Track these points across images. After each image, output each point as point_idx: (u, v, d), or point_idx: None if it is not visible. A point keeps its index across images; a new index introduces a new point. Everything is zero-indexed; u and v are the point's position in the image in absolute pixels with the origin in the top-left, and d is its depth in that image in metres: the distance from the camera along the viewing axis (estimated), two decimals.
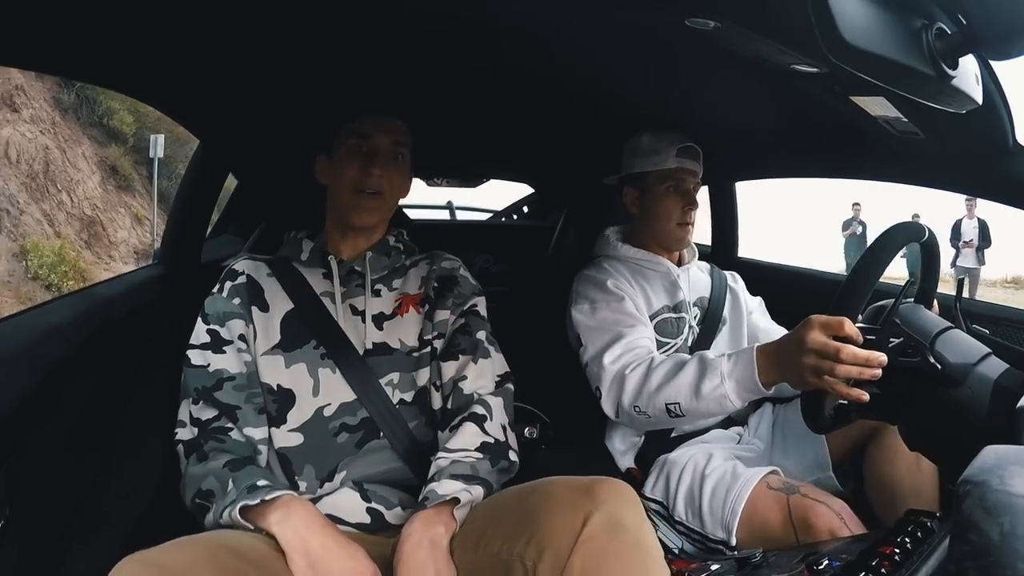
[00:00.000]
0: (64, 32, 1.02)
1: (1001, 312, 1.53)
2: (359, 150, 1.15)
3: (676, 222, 1.51)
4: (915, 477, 1.25)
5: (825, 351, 1.00)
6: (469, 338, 1.17)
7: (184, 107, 1.45)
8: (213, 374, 1.08)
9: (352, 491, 1.06)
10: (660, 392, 1.23)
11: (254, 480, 0.95)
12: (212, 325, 1.12)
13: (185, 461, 1.04)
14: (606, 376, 1.32)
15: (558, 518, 0.80)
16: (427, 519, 0.92)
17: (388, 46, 1.16)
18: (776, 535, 1.17)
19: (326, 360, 1.11)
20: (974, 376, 0.96)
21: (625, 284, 1.47)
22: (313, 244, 1.21)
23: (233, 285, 1.15)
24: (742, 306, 1.62)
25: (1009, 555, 0.56)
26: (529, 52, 1.17)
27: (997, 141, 1.13)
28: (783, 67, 0.86)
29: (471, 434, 1.05)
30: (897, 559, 0.81)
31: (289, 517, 0.90)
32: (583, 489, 0.82)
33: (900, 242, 1.06)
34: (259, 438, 1.07)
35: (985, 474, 0.61)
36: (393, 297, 1.19)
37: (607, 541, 0.78)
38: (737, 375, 1.16)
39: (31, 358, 1.07)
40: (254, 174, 1.85)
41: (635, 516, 0.81)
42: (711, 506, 1.26)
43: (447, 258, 1.27)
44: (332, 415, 1.10)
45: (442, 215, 3.49)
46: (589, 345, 1.39)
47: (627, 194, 1.57)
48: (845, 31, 0.67)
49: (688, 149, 1.51)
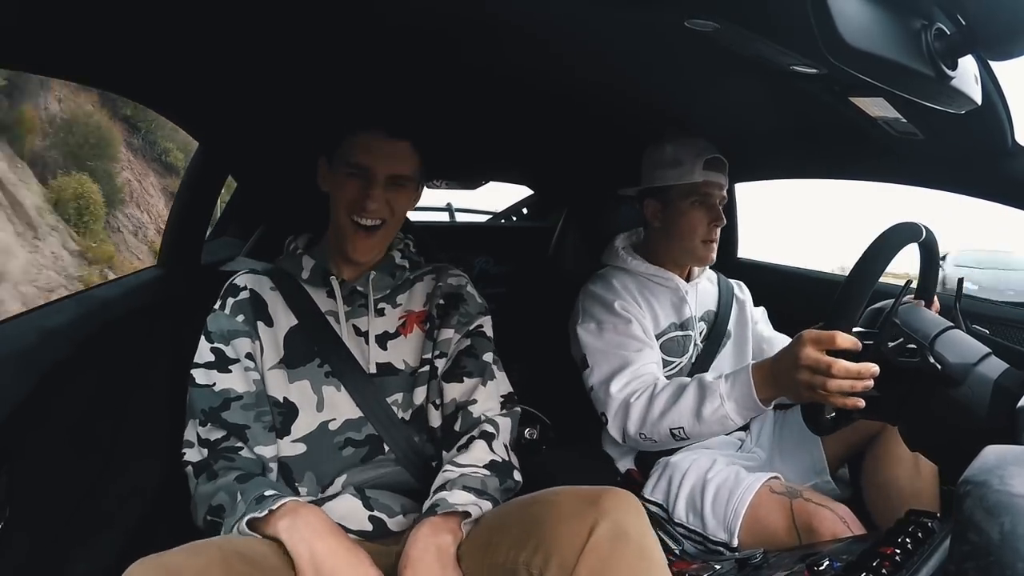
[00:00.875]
0: (65, 34, 1.02)
1: (1001, 312, 1.53)
2: (355, 174, 1.09)
3: (701, 239, 1.44)
4: (914, 481, 1.25)
5: (817, 367, 1.02)
6: (476, 360, 1.14)
7: (183, 109, 1.45)
8: (219, 394, 1.06)
9: (354, 498, 1.05)
10: (664, 418, 1.25)
11: (262, 491, 0.94)
12: (216, 343, 1.09)
13: (195, 481, 1.03)
14: (612, 404, 1.33)
15: (564, 527, 0.81)
16: (435, 525, 0.91)
17: (389, 46, 1.16)
18: (779, 538, 1.17)
19: (331, 379, 1.10)
20: (974, 376, 0.96)
21: (632, 305, 1.44)
22: (314, 263, 1.16)
23: (236, 301, 1.12)
24: (747, 317, 1.60)
25: (1009, 555, 0.56)
26: (529, 53, 1.17)
27: (996, 142, 1.13)
28: (783, 68, 0.86)
29: (481, 450, 1.05)
30: (898, 559, 0.81)
31: (296, 524, 0.90)
32: (589, 499, 0.83)
33: (896, 245, 1.05)
34: (269, 456, 1.06)
35: (985, 474, 0.61)
36: (397, 314, 1.17)
37: (612, 550, 0.78)
38: (736, 395, 1.18)
39: (31, 360, 1.07)
40: (254, 176, 1.84)
41: (640, 525, 0.81)
42: (713, 508, 1.26)
43: (453, 273, 1.23)
44: (337, 429, 1.09)
45: (441, 217, 3.48)
46: (595, 368, 1.39)
47: (648, 207, 1.49)
48: (844, 32, 0.67)
49: (715, 161, 1.44)
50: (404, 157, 1.11)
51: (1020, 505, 0.58)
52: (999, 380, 0.95)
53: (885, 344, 1.01)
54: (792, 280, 2.03)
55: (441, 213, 3.51)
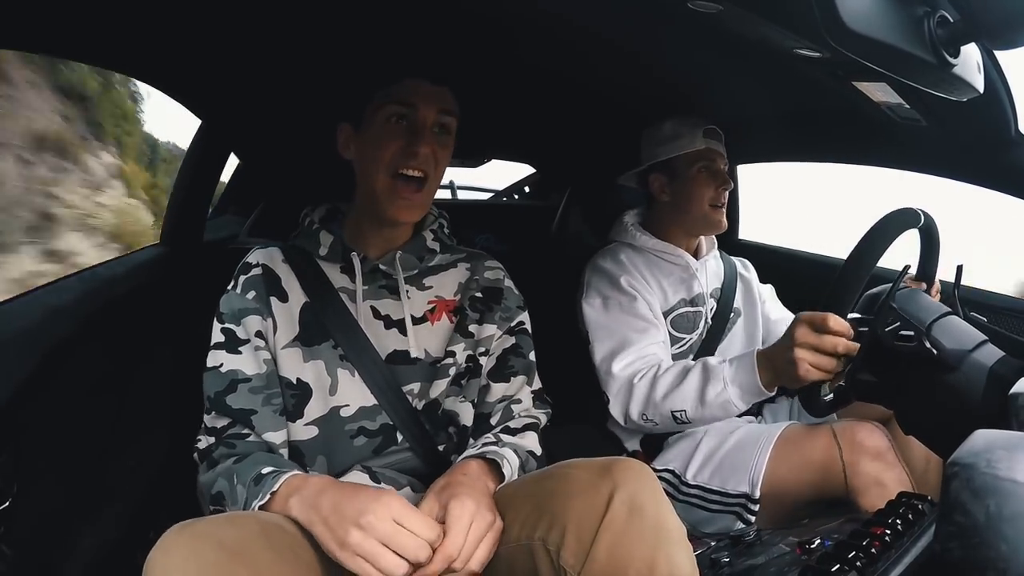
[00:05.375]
0: (63, 12, 1.01)
1: (999, 300, 1.54)
2: (401, 123, 1.02)
3: (710, 203, 1.47)
4: (926, 465, 1.27)
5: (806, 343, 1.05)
6: (523, 360, 1.13)
7: (184, 87, 1.44)
8: (226, 375, 1.00)
9: (361, 473, 1.02)
10: (666, 400, 1.26)
11: (258, 469, 0.89)
12: (227, 324, 1.03)
13: (200, 469, 0.99)
14: (614, 384, 1.34)
15: (579, 501, 0.79)
16: (484, 468, 0.91)
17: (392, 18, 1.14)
18: (815, 468, 1.20)
19: (344, 362, 1.03)
20: (969, 362, 0.97)
21: (639, 282, 1.44)
22: (333, 238, 1.08)
23: (247, 278, 1.05)
24: (755, 295, 1.61)
25: (994, 536, 0.58)
26: (533, 31, 1.16)
27: (999, 130, 1.13)
28: (786, 51, 0.86)
29: (531, 440, 1.05)
30: (887, 540, 0.82)
31: (300, 496, 0.84)
32: (601, 470, 0.80)
33: (894, 232, 1.05)
34: (279, 441, 1.00)
35: (973, 457, 0.62)
36: (426, 299, 1.10)
37: (629, 524, 0.76)
38: (740, 380, 1.18)
39: (35, 339, 1.08)
40: (256, 153, 1.84)
41: (655, 496, 0.79)
42: (735, 460, 1.29)
43: (490, 265, 1.17)
44: (350, 416, 1.03)
45: (443, 194, 3.48)
46: (598, 345, 1.39)
47: (655, 182, 1.52)
48: (846, 16, 0.67)
49: (712, 131, 1.48)
50: (449, 100, 1.06)
51: (1006, 488, 0.59)
52: (994, 367, 0.95)
53: (882, 328, 1.01)
54: (793, 262, 2.03)
55: (443, 190, 3.51)
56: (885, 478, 1.16)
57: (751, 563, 0.93)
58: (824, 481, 1.20)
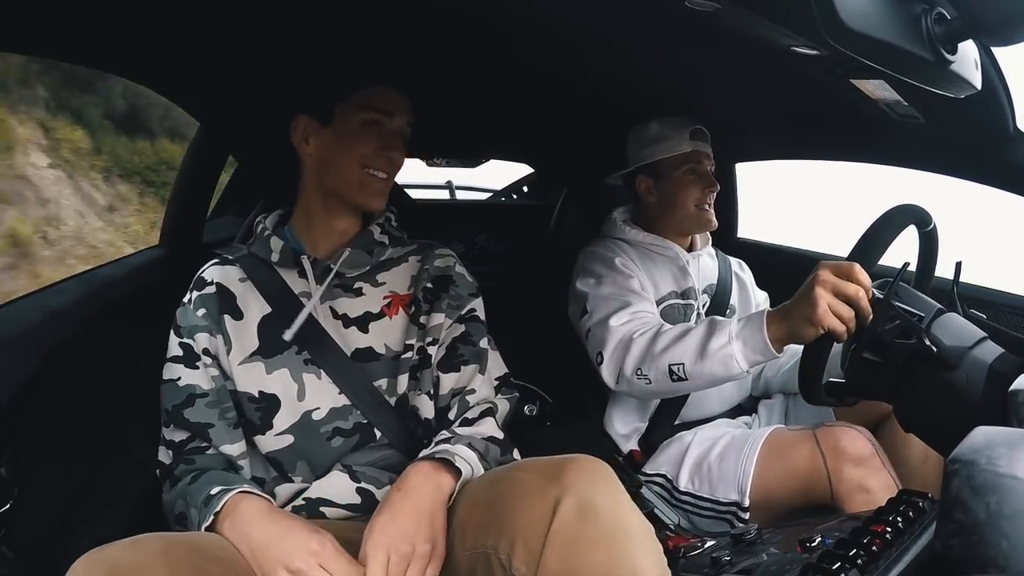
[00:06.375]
0: (63, 15, 1.01)
1: (998, 297, 1.54)
2: (374, 127, 1.06)
3: (696, 205, 1.47)
4: (925, 463, 1.26)
5: (828, 285, 1.03)
6: (472, 348, 1.10)
7: (182, 89, 1.44)
8: (183, 389, 1.02)
9: (342, 473, 1.02)
10: (665, 353, 1.22)
11: (207, 491, 0.91)
12: (184, 338, 1.04)
13: (164, 488, 1.01)
14: (611, 338, 1.30)
15: (526, 507, 0.76)
16: (436, 467, 0.89)
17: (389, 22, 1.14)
18: (800, 470, 1.19)
19: (310, 366, 1.04)
20: (969, 359, 0.97)
21: (632, 265, 1.44)
22: (283, 244, 1.09)
23: (200, 295, 1.07)
24: (750, 298, 1.60)
25: (994, 533, 0.58)
26: (529, 33, 1.16)
27: (997, 127, 1.13)
28: (783, 49, 0.86)
29: (486, 425, 1.03)
30: (888, 537, 0.82)
31: (233, 518, 0.87)
32: (551, 473, 0.77)
33: (912, 220, 1.08)
34: (236, 454, 1.02)
35: (974, 454, 0.62)
36: (380, 294, 1.10)
37: (581, 528, 0.72)
38: (745, 335, 1.14)
39: (35, 340, 1.08)
40: (255, 155, 1.84)
41: (610, 495, 0.76)
42: (722, 468, 1.27)
43: (440, 254, 1.16)
44: (322, 419, 1.03)
45: (442, 195, 3.48)
46: (594, 312, 1.37)
47: (641, 184, 1.51)
48: (844, 14, 0.67)
49: (699, 132, 1.48)
50: (411, 110, 1.11)
51: (1007, 485, 0.59)
52: (994, 364, 0.95)
53: (882, 325, 1.01)
54: (792, 260, 2.03)
55: (442, 191, 3.51)
56: (870, 484, 1.14)
57: (752, 561, 0.93)
58: (810, 488, 1.18)
